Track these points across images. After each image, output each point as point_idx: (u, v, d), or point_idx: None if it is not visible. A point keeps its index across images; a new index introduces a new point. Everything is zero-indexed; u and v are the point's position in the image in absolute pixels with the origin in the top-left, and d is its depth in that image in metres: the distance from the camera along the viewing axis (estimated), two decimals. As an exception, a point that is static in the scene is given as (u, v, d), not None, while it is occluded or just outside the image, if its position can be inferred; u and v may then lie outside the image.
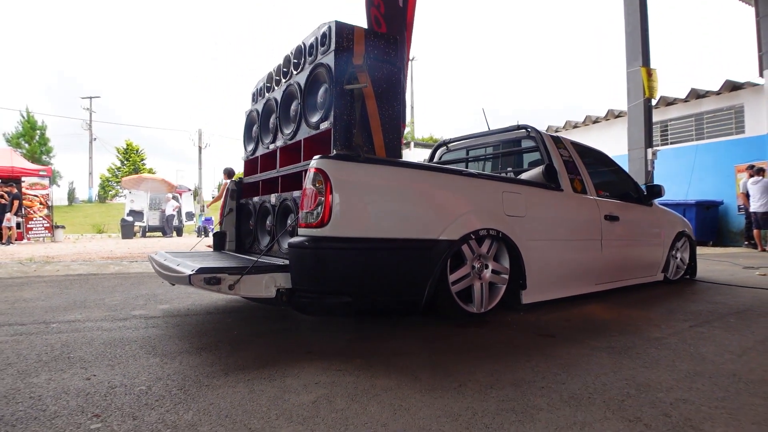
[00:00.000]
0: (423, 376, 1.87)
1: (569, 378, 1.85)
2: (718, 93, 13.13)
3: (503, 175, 4.01)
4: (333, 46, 2.43)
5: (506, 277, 2.95)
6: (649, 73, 9.37)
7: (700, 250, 10.67)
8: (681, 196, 13.66)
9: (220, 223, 3.63)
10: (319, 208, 2.21)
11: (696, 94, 13.55)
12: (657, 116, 14.69)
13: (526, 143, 3.88)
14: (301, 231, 2.29)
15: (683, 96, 13.84)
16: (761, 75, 12.69)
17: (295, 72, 2.91)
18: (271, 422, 1.42)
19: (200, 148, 35.50)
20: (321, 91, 2.63)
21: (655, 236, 4.37)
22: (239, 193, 3.62)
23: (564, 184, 3.45)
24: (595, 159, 4.20)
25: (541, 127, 17.47)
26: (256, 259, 2.47)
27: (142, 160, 39.09)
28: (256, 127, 3.49)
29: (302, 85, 2.73)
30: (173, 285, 3.28)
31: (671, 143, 14.64)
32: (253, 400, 1.60)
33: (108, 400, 1.60)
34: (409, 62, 5.77)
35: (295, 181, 2.82)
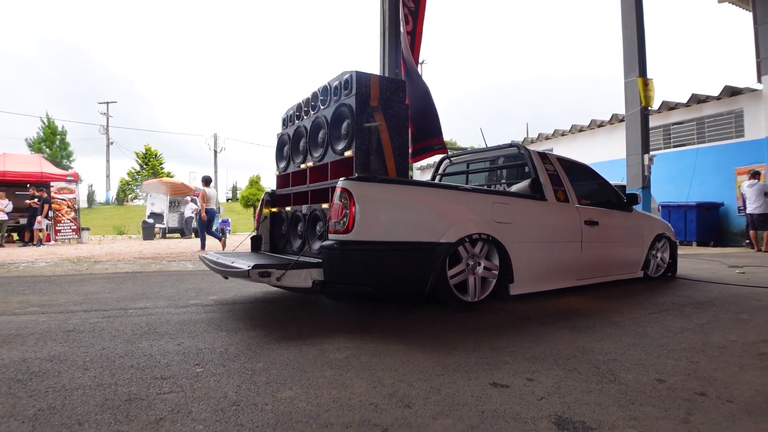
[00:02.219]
0: (425, 343, 2.51)
1: (534, 346, 2.48)
2: (718, 98, 13.57)
3: (498, 186, 4.63)
4: (354, 91, 3.09)
5: (496, 272, 3.57)
6: (646, 83, 9.90)
7: (699, 250, 11.17)
8: (683, 198, 14.13)
9: (256, 229, 4.30)
10: (345, 218, 2.86)
11: (697, 99, 14.00)
12: (659, 120, 15.18)
13: (518, 159, 4.49)
14: (330, 236, 2.94)
15: (684, 101, 14.29)
16: (759, 81, 13.10)
17: (322, 107, 3.58)
18: (318, 368, 2.07)
19: (215, 151, 36.50)
20: (344, 124, 3.29)
21: (634, 238, 4.96)
22: (273, 203, 4.29)
23: (548, 195, 4.06)
24: (580, 172, 4.79)
25: (549, 131, 18.02)
26: (296, 258, 3.13)
27: (161, 164, 40.21)
28: (287, 148, 4.17)
29: (329, 119, 3.40)
30: (226, 279, 3.96)
31: (674, 146, 15.09)
32: (302, 356, 2.25)
33: (200, 356, 2.26)
34: (419, 65, 6.35)
35: (322, 195, 3.47)
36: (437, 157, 5.42)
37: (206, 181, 11.01)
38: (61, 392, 1.80)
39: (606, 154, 16.68)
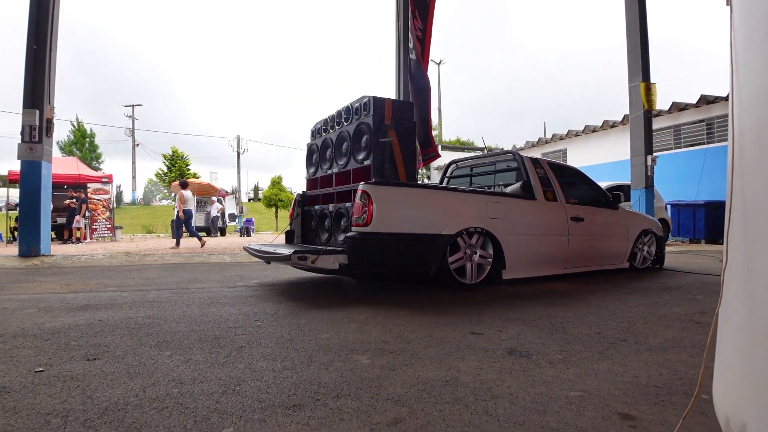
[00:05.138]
0: (426, 311, 3.25)
1: (510, 313, 3.20)
2: (726, 98, 13.93)
3: (497, 187, 5.34)
4: (372, 112, 3.85)
5: (490, 260, 4.29)
6: (648, 88, 10.43)
7: (706, 248, 11.63)
8: (692, 196, 14.53)
9: (290, 224, 5.09)
10: (365, 214, 3.61)
11: (706, 100, 14.39)
12: (670, 121, 15.61)
13: (514, 164, 5.19)
14: (353, 229, 3.70)
15: (694, 101, 14.69)
16: (767, 82, 13.41)
17: (345, 123, 4.35)
18: (345, 323, 2.83)
19: (238, 153, 37.70)
20: (364, 139, 4.05)
21: (619, 233, 5.60)
22: (303, 203, 5.07)
23: (538, 195, 4.75)
24: (570, 175, 5.47)
25: (563, 131, 18.58)
26: (325, 247, 3.90)
27: (187, 165, 41.64)
28: (316, 156, 4.95)
29: (351, 134, 4.16)
30: (269, 263, 4.76)
31: (684, 146, 15.49)
32: (332, 316, 3.02)
33: (257, 316, 3.04)
34: (428, 65, 6.93)
35: (346, 196, 4.23)
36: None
37: (183, 184, 11.94)
38: (167, 334, 2.59)
39: (618, 154, 17.11)
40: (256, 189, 55.56)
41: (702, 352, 2.35)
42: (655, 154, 10.91)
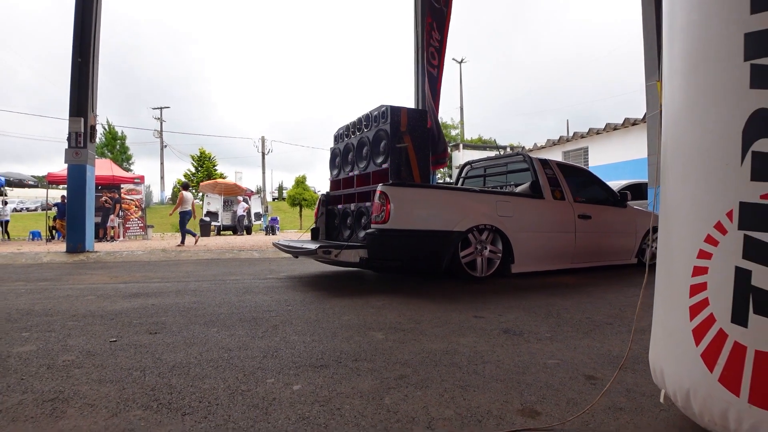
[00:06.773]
0: (436, 299, 3.62)
1: (513, 301, 3.55)
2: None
3: (507, 187, 5.67)
4: (389, 120, 4.24)
5: (500, 255, 4.63)
6: (666, 87, 10.53)
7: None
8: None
9: (315, 222, 5.52)
10: (383, 213, 4.00)
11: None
12: (692, 119, 15.52)
13: (523, 165, 5.51)
14: (372, 226, 4.10)
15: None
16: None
17: (365, 130, 4.75)
18: (364, 308, 3.23)
19: (263, 153, 38.60)
20: (382, 144, 4.45)
21: (627, 230, 5.85)
22: (327, 203, 5.50)
23: (546, 194, 5.06)
24: (579, 175, 5.75)
25: (584, 128, 18.53)
26: (346, 243, 4.31)
27: (215, 166, 42.75)
28: (338, 159, 5.37)
29: (370, 139, 4.56)
30: (296, 257, 5.20)
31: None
32: (354, 303, 3.42)
33: (287, 302, 3.46)
34: (444, 63, 7.22)
35: (366, 196, 4.63)
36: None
37: (184, 186, 12.55)
38: (212, 315, 3.03)
39: (639, 152, 17.05)
40: (280, 188, 56.63)
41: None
42: (673, 152, 10.99)
